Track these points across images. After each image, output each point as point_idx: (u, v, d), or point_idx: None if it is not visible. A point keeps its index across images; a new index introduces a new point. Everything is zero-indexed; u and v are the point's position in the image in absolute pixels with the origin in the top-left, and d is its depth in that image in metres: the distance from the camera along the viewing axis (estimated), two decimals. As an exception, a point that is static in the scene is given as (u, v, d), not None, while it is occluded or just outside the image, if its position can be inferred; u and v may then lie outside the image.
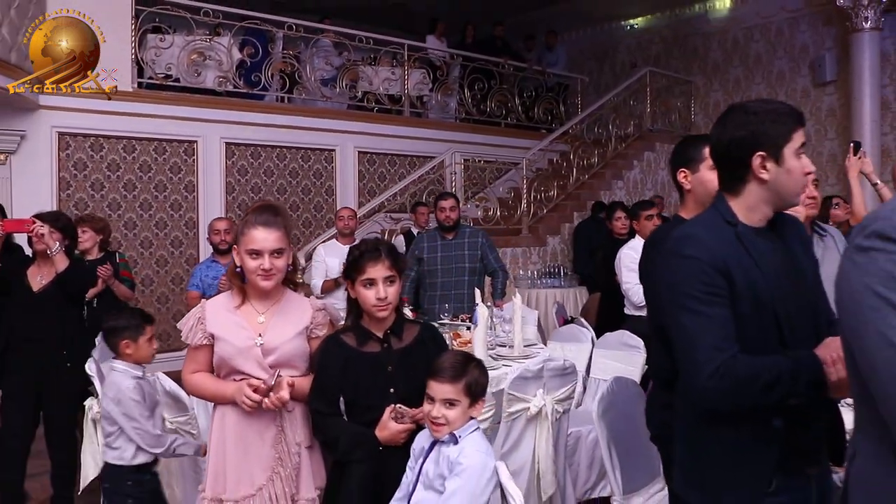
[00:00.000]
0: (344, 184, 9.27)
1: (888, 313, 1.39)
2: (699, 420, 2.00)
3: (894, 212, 1.52)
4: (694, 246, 1.94)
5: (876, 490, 1.51)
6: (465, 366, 2.32)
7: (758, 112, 2.00)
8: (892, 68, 10.42)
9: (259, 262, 2.57)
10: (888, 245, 1.42)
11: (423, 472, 2.29)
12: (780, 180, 1.96)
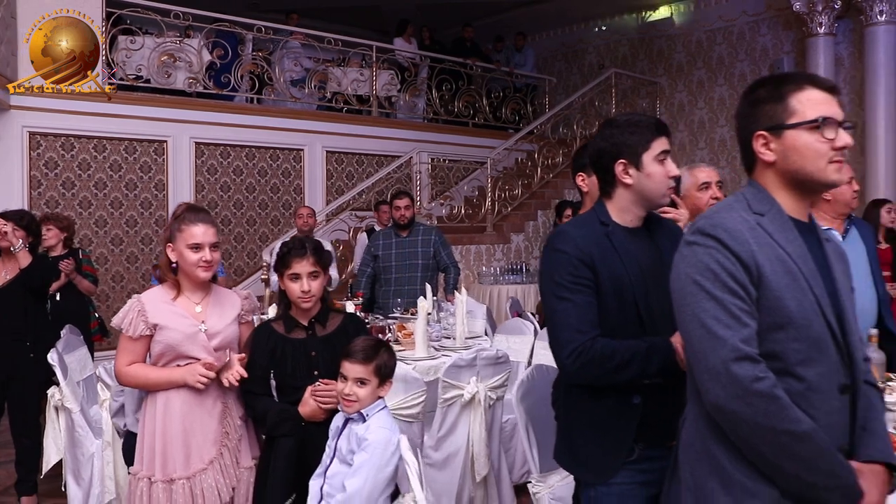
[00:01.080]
0: (312, 183, 9.50)
1: (702, 298, 1.67)
2: (570, 395, 2.27)
3: (715, 213, 1.81)
4: (565, 241, 2.21)
5: (695, 452, 1.79)
6: (377, 349, 2.57)
7: (620, 125, 2.27)
8: (846, 72, 10.71)
9: (201, 255, 2.82)
10: (707, 240, 1.70)
11: (338, 447, 2.55)
12: (642, 184, 2.22)
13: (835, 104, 1.74)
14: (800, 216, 1.79)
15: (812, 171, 1.72)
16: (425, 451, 3.98)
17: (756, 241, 1.68)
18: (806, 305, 1.67)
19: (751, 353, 1.62)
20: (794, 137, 1.72)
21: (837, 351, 1.70)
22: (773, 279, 1.65)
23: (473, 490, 4.08)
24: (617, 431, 2.15)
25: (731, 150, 11.93)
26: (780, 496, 1.64)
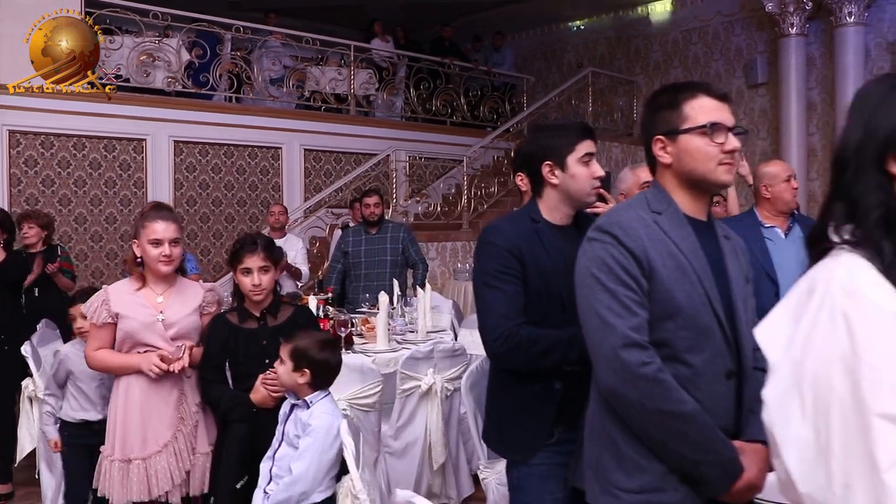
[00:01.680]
0: (290, 180, 9.64)
1: (597, 290, 1.83)
2: (497, 380, 2.44)
3: (614, 212, 1.97)
4: (496, 235, 2.37)
5: (594, 431, 1.95)
6: (301, 336, 2.75)
7: (547, 129, 2.44)
8: (817, 72, 10.89)
9: (161, 250, 3.00)
10: (604, 237, 1.86)
11: (285, 431, 2.72)
12: (567, 184, 2.38)
13: (726, 111, 1.90)
14: (697, 215, 1.95)
15: (703, 172, 1.88)
16: (385, 441, 4.14)
17: (650, 237, 1.84)
18: (694, 297, 1.82)
19: (639, 340, 1.77)
20: (686, 141, 1.88)
21: (724, 340, 1.86)
22: (663, 273, 1.81)
23: (431, 478, 4.25)
24: (539, 414, 2.31)
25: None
26: (668, 471, 1.80)
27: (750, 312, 1.97)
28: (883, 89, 1.33)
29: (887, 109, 1.30)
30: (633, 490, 1.82)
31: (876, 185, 1.27)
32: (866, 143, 1.29)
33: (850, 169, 1.30)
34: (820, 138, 10.87)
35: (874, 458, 1.10)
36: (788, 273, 3.79)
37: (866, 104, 1.33)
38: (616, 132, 12.46)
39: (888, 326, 1.14)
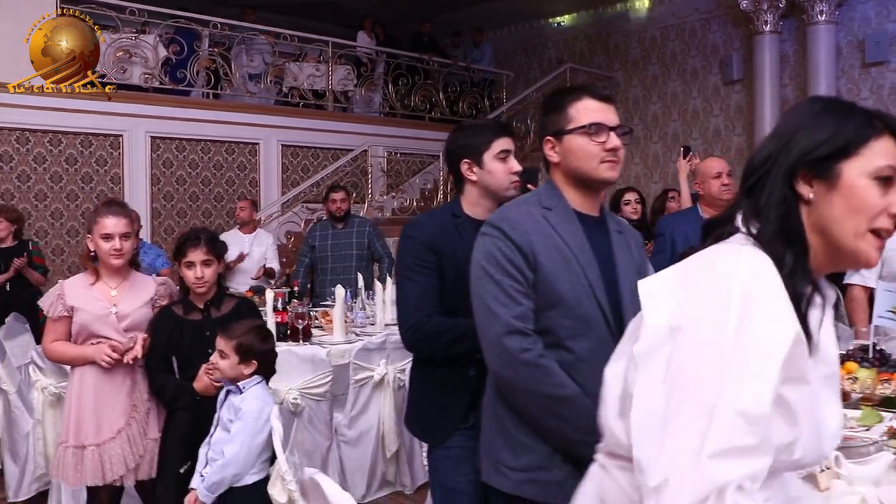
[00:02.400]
0: (268, 176, 9.74)
1: (486, 281, 1.96)
2: (417, 367, 2.57)
3: (506, 208, 2.10)
4: (415, 229, 2.51)
5: (487, 413, 2.08)
6: (243, 330, 2.85)
7: (465, 129, 2.57)
8: (791, 69, 11.02)
9: (112, 244, 3.13)
10: (493, 231, 1.99)
11: (221, 417, 2.84)
12: (485, 180, 2.51)
13: (609, 112, 2.02)
14: (588, 210, 2.07)
15: (586, 169, 2.00)
16: (340, 430, 4.26)
17: (537, 232, 1.96)
18: (577, 288, 1.94)
19: (521, 327, 1.89)
20: (570, 141, 2.00)
21: (608, 328, 1.97)
22: (548, 265, 1.93)
23: (385, 466, 4.37)
24: (454, 400, 2.43)
25: (683, 143, 12.21)
26: (552, 451, 1.92)
27: (637, 302, 2.07)
28: (814, 110, 1.34)
29: (811, 129, 1.31)
30: (520, 468, 1.94)
31: (780, 199, 1.29)
32: (781, 157, 1.30)
33: (761, 175, 1.32)
34: (794, 134, 10.99)
35: (704, 440, 1.12)
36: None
37: (793, 120, 1.35)
38: (594, 128, 12.55)
39: (775, 330, 1.17)
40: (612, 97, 2.10)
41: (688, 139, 12.22)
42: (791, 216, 1.29)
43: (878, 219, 1.26)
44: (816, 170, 1.28)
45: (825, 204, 1.28)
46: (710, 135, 11.99)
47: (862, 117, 1.30)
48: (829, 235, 1.28)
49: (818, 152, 1.28)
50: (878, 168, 1.26)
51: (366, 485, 4.27)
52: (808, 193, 1.29)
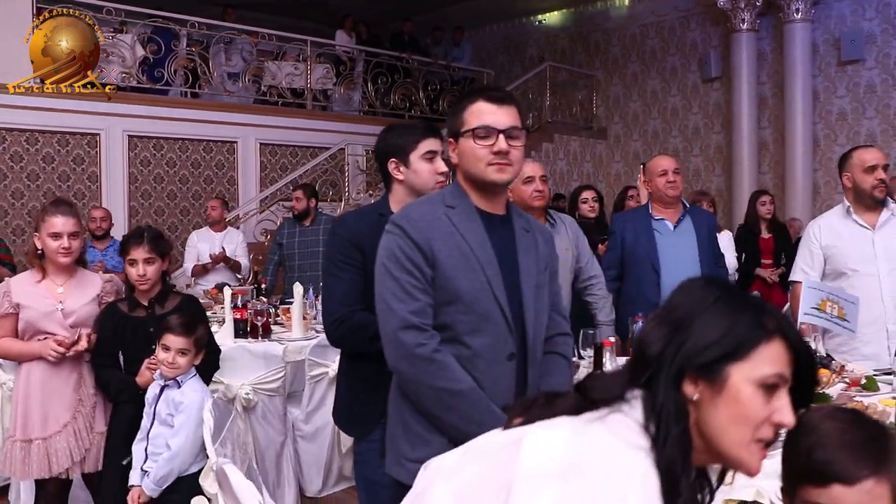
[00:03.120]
0: (246, 174, 9.79)
1: (386, 278, 2.02)
2: (343, 362, 2.63)
3: (409, 206, 2.16)
4: (341, 227, 2.58)
5: (391, 406, 2.15)
6: (195, 324, 2.92)
7: (393, 129, 2.63)
8: (768, 67, 11.08)
9: (59, 242, 3.20)
10: (394, 229, 2.05)
11: (157, 412, 2.91)
12: (411, 179, 2.57)
13: (502, 114, 2.04)
14: (493, 209, 2.11)
15: (475, 171, 2.05)
16: (297, 425, 4.32)
17: (438, 229, 2.01)
18: (476, 285, 2.00)
19: (418, 323, 1.95)
20: (463, 143, 2.06)
21: (506, 325, 2.02)
22: (446, 262, 1.98)
23: (341, 461, 4.41)
24: (376, 394, 2.48)
25: (662, 141, 12.32)
26: (448, 444, 1.97)
27: (543, 300, 2.13)
28: (708, 298, 1.26)
29: (703, 325, 1.23)
30: (417, 460, 1.98)
31: (676, 410, 1.21)
32: (671, 356, 1.23)
33: (653, 372, 1.24)
34: (771, 132, 11.07)
35: None
36: (673, 263, 3.99)
37: (687, 305, 1.26)
38: (575, 126, 12.64)
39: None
40: (509, 99, 2.11)
41: (668, 137, 12.31)
42: (685, 431, 1.22)
43: (762, 428, 1.20)
44: (704, 372, 1.21)
45: (710, 408, 1.22)
46: (689, 133, 12.06)
47: (754, 316, 1.23)
48: (712, 440, 1.23)
49: (707, 355, 1.21)
50: (765, 376, 1.20)
51: (322, 480, 4.32)
52: (693, 394, 1.23)
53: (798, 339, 1.24)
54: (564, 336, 2.26)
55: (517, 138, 2.06)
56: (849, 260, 3.68)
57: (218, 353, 3.38)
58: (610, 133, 12.94)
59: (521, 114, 2.11)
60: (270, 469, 4.10)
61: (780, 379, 1.21)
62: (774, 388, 1.20)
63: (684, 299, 1.28)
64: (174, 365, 2.90)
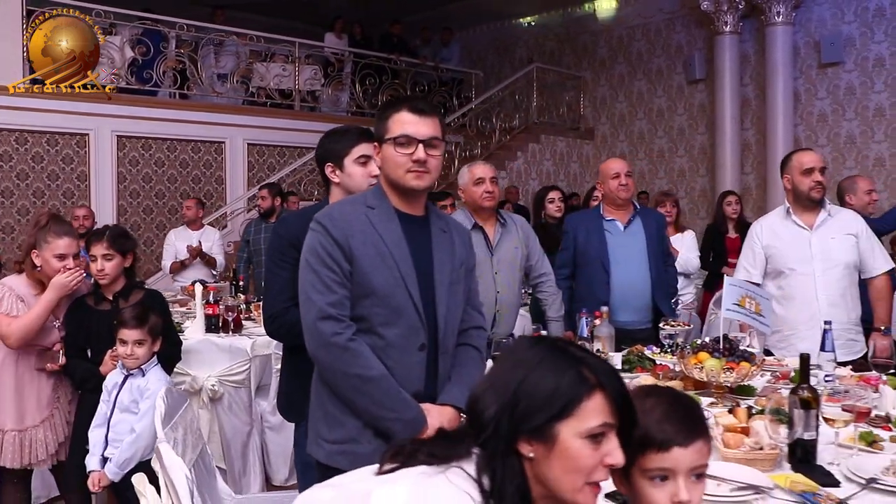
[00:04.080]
0: (233, 174, 9.96)
1: (308, 272, 2.19)
2: (284, 354, 2.79)
3: (332, 205, 2.32)
4: (282, 226, 2.74)
5: (313, 390, 2.31)
6: (147, 314, 3.09)
7: (330, 135, 2.79)
8: (751, 69, 11.23)
9: (64, 263, 3.34)
10: (317, 227, 2.22)
11: (119, 400, 3.08)
12: (346, 182, 2.73)
13: (423, 125, 2.19)
14: (412, 211, 2.28)
15: (395, 177, 2.21)
16: (265, 416, 4.49)
17: (357, 228, 2.18)
18: (391, 281, 2.16)
19: (335, 313, 2.12)
20: (385, 150, 2.22)
21: (418, 318, 2.19)
22: (363, 259, 2.15)
23: (308, 450, 4.59)
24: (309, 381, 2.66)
25: (648, 142, 12.48)
26: (363, 427, 2.15)
27: (457, 296, 2.30)
28: (533, 358, 1.40)
29: (532, 387, 1.36)
30: (333, 441, 2.17)
31: (512, 472, 1.36)
32: (504, 421, 1.37)
33: (488, 436, 1.38)
34: (754, 133, 11.22)
35: None
36: (622, 263, 4.15)
37: (516, 369, 1.40)
38: (562, 126, 12.79)
39: None
40: (431, 111, 2.25)
41: (653, 138, 12.47)
42: (521, 485, 1.37)
43: (594, 473, 1.35)
44: (536, 433, 1.35)
45: (545, 463, 1.36)
46: (674, 133, 12.22)
47: (576, 374, 1.36)
48: (551, 489, 1.37)
49: (538, 419, 1.34)
50: (591, 428, 1.33)
51: (288, 469, 4.49)
52: (528, 453, 1.37)
53: (616, 387, 1.38)
54: (478, 329, 2.43)
55: (436, 147, 2.22)
56: (787, 259, 3.83)
57: (179, 344, 3.55)
58: (597, 133, 13.10)
59: (442, 125, 2.27)
60: (237, 458, 4.26)
61: (606, 427, 1.35)
62: (602, 436, 1.34)
63: (513, 362, 1.42)
64: (133, 356, 3.08)
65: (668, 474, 1.41)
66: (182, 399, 2.98)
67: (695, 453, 1.42)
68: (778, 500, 1.97)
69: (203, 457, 2.84)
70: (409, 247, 2.21)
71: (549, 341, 1.47)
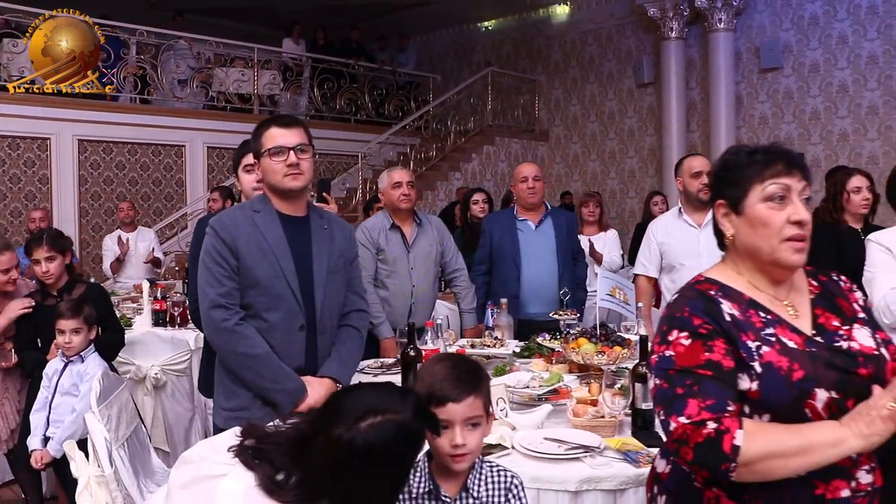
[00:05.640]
0: (193, 177, 10.26)
1: (203, 269, 2.56)
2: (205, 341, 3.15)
3: (224, 212, 2.68)
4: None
5: (217, 367, 2.66)
6: (81, 305, 3.44)
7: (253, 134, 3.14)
8: (697, 73, 11.67)
9: (10, 276, 3.73)
10: (209, 230, 2.61)
11: (60, 384, 3.42)
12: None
13: (290, 135, 2.59)
14: (293, 213, 2.67)
15: (275, 182, 2.60)
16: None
17: (244, 230, 2.57)
18: (272, 273, 2.55)
19: (224, 302, 2.51)
20: (264, 161, 2.63)
21: (297, 303, 2.58)
22: (248, 255, 2.54)
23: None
24: None
25: (600, 143, 12.90)
26: (253, 397, 2.53)
27: (336, 283, 2.68)
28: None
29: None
30: (229, 409, 2.56)
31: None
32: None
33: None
34: (700, 135, 11.66)
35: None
36: (533, 259, 4.53)
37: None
38: (517, 128, 13.18)
39: None
40: (296, 122, 2.66)
41: (605, 139, 12.89)
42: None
43: None
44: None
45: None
46: (625, 135, 12.64)
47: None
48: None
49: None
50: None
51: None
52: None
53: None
54: (359, 312, 2.82)
55: (305, 152, 2.62)
56: (678, 255, 4.22)
57: (121, 331, 3.90)
58: (551, 135, 13.51)
59: (308, 134, 2.66)
60: (180, 441, 4.59)
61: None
62: None
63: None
64: (71, 344, 3.42)
65: (447, 424, 1.77)
66: (118, 382, 3.32)
67: (466, 407, 1.78)
68: (606, 457, 2.35)
69: (137, 433, 3.19)
70: (290, 243, 2.60)
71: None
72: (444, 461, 1.84)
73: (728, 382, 1.52)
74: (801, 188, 1.61)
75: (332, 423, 1.59)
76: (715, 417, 1.48)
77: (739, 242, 1.67)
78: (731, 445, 1.45)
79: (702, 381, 1.52)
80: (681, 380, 1.54)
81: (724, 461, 1.46)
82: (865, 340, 1.61)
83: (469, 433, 1.80)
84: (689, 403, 1.50)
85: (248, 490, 1.63)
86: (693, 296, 1.65)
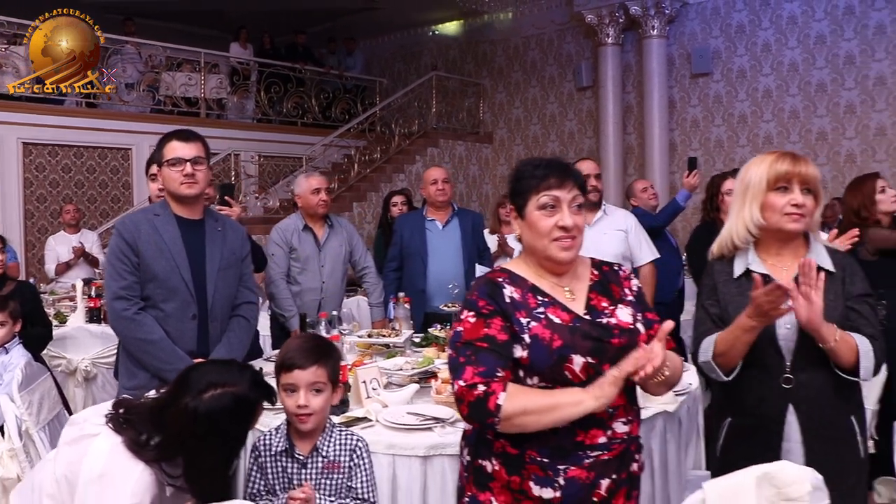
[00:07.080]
0: (140, 179, 10.44)
1: (109, 266, 2.86)
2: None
3: (127, 215, 2.99)
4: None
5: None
6: (6, 300, 3.73)
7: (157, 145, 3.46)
8: (633, 78, 12.10)
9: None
10: (115, 230, 2.90)
11: (-14, 373, 3.70)
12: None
13: (188, 148, 2.95)
14: (189, 216, 3.03)
15: (172, 189, 2.95)
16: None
17: (145, 230, 2.92)
18: (168, 268, 2.91)
19: (125, 294, 2.85)
20: (164, 171, 3.00)
21: (190, 295, 2.94)
22: (147, 253, 2.89)
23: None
24: None
25: (542, 145, 13.30)
26: (150, 377, 2.87)
27: (227, 278, 3.03)
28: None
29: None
30: (130, 388, 2.89)
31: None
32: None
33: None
34: (636, 137, 12.10)
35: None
36: (439, 257, 4.88)
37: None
38: (462, 131, 13.54)
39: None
40: (195, 137, 3.03)
41: (546, 141, 13.31)
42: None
43: None
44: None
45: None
46: (565, 137, 13.06)
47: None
48: None
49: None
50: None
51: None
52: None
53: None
54: (249, 304, 3.18)
55: (201, 164, 2.98)
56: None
57: (49, 325, 4.18)
58: (495, 137, 13.89)
59: (206, 148, 3.01)
60: (109, 431, 4.87)
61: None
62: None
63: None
64: None
65: (294, 387, 2.14)
66: (41, 371, 3.61)
67: (310, 374, 2.19)
68: (455, 427, 2.68)
69: (60, 418, 3.48)
70: (185, 243, 2.95)
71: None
72: (292, 420, 2.20)
73: (500, 353, 1.87)
74: (572, 198, 1.96)
75: (181, 394, 1.97)
76: (485, 381, 1.83)
77: (524, 241, 2.02)
78: (494, 404, 1.81)
79: (479, 352, 1.87)
80: (464, 350, 1.89)
81: (490, 416, 1.82)
82: (625, 317, 1.98)
83: (313, 397, 2.17)
84: (467, 370, 1.85)
85: (113, 447, 1.98)
86: (482, 282, 2.00)
